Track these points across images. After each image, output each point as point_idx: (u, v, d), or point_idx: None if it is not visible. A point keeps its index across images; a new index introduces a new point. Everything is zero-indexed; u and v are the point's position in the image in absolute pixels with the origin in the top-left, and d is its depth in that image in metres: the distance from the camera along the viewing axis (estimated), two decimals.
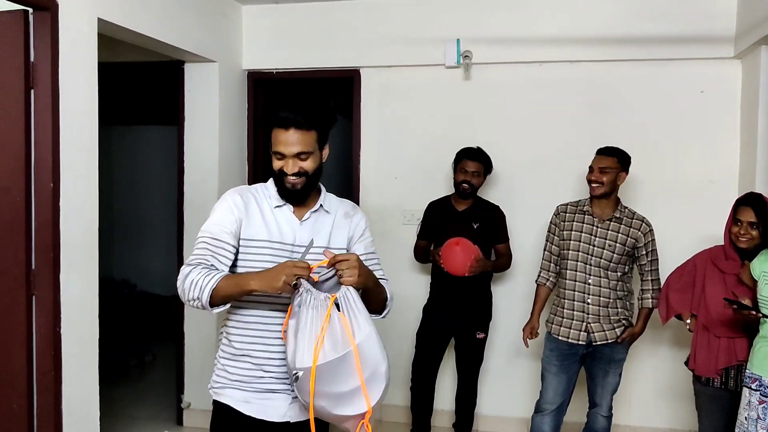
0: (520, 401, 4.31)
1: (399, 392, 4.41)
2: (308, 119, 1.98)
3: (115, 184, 6.67)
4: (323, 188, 2.17)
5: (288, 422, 2.07)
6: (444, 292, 3.91)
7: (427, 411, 4.10)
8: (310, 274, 1.88)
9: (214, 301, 1.92)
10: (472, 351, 3.99)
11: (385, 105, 4.53)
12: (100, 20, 3.18)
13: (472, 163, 3.88)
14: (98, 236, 3.23)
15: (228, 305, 2.00)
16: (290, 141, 1.97)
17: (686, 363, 3.20)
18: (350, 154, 4.66)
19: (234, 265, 2.05)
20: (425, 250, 4.08)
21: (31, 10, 2.84)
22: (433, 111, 4.45)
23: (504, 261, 4.00)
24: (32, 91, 2.86)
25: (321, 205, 2.11)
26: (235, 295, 1.93)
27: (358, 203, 4.52)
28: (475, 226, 3.87)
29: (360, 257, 1.98)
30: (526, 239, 4.21)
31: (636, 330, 3.41)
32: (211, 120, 4.34)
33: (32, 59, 2.86)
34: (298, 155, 1.98)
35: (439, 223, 3.99)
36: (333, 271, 1.92)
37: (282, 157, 2.00)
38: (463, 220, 3.90)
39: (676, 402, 4.10)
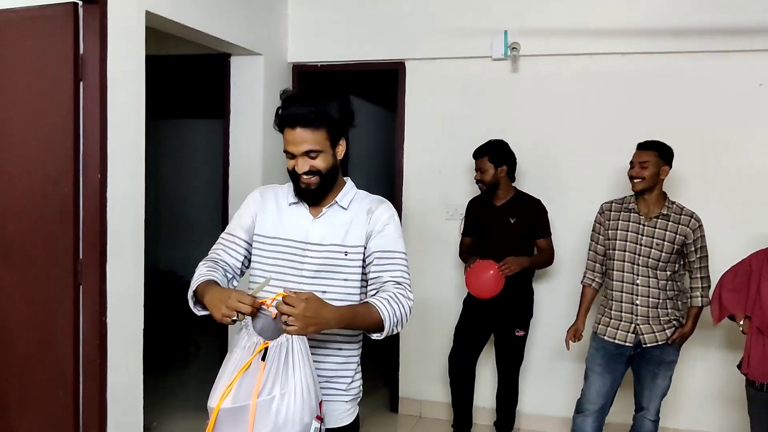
0: (562, 400, 4.22)
1: (439, 388, 4.38)
2: (316, 116, 1.89)
3: (162, 177, 6.77)
4: (349, 184, 2.07)
5: None
6: None
7: (466, 405, 4.07)
8: (264, 308, 1.76)
9: (199, 300, 1.90)
10: (512, 349, 3.94)
11: (429, 98, 4.48)
12: (148, 13, 3.21)
13: (477, 161, 3.86)
14: (145, 227, 3.26)
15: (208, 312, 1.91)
16: (298, 140, 1.90)
17: (739, 366, 3.08)
18: (393, 148, 4.63)
19: (250, 261, 2.06)
20: (469, 248, 4.04)
21: (80, 2, 2.88)
22: (478, 104, 4.38)
23: (545, 256, 3.93)
24: (81, 83, 2.90)
25: (336, 202, 2.00)
26: (203, 302, 1.86)
27: (400, 197, 4.53)
28: (512, 221, 3.82)
29: (378, 252, 1.92)
30: (571, 236, 4.12)
31: (686, 330, 3.30)
32: (255, 113, 4.36)
33: (81, 51, 2.89)
34: (307, 153, 1.90)
35: (478, 219, 3.98)
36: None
37: (292, 156, 1.93)
38: (501, 215, 3.86)
39: (728, 407, 3.96)
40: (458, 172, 4.40)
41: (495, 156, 3.82)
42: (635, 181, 3.27)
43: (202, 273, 1.96)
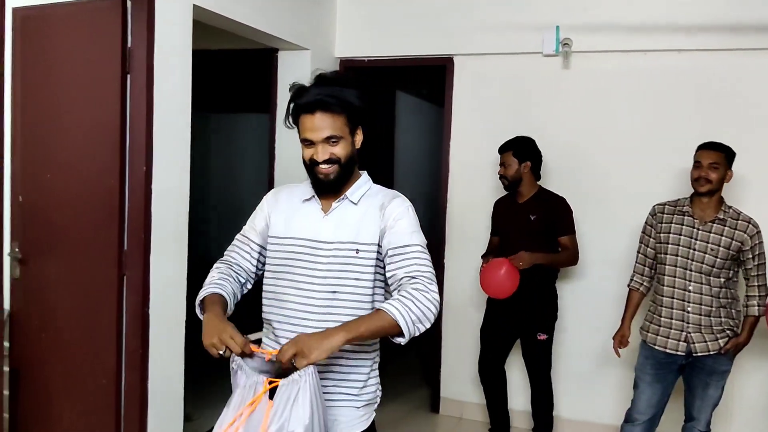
0: (605, 406, 4.12)
1: (477, 390, 4.31)
2: (336, 101, 1.83)
3: (214, 169, 6.87)
4: (364, 178, 1.99)
5: None
6: None
7: (500, 407, 4.02)
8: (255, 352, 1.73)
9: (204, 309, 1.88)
10: (536, 352, 3.86)
11: (478, 94, 4.40)
12: (195, 7, 3.22)
13: (502, 156, 3.82)
14: (197, 220, 3.28)
15: None
16: (317, 126, 1.83)
17: None
18: (440, 145, 4.57)
19: (264, 264, 2.02)
20: (496, 248, 3.98)
21: None
22: (528, 101, 4.28)
23: (567, 255, 3.80)
24: (128, 76, 2.93)
25: (346, 196, 1.92)
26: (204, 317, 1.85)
27: (445, 195, 4.46)
28: (533, 218, 3.75)
29: (390, 250, 1.84)
30: (620, 237, 4.00)
31: (741, 340, 3.15)
32: None
33: (129, 45, 2.93)
34: (327, 140, 1.83)
35: (500, 217, 3.96)
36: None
37: (311, 144, 1.87)
38: (522, 213, 3.80)
39: None
40: None
41: (519, 151, 3.77)
42: (702, 181, 3.12)
43: (214, 279, 1.94)
